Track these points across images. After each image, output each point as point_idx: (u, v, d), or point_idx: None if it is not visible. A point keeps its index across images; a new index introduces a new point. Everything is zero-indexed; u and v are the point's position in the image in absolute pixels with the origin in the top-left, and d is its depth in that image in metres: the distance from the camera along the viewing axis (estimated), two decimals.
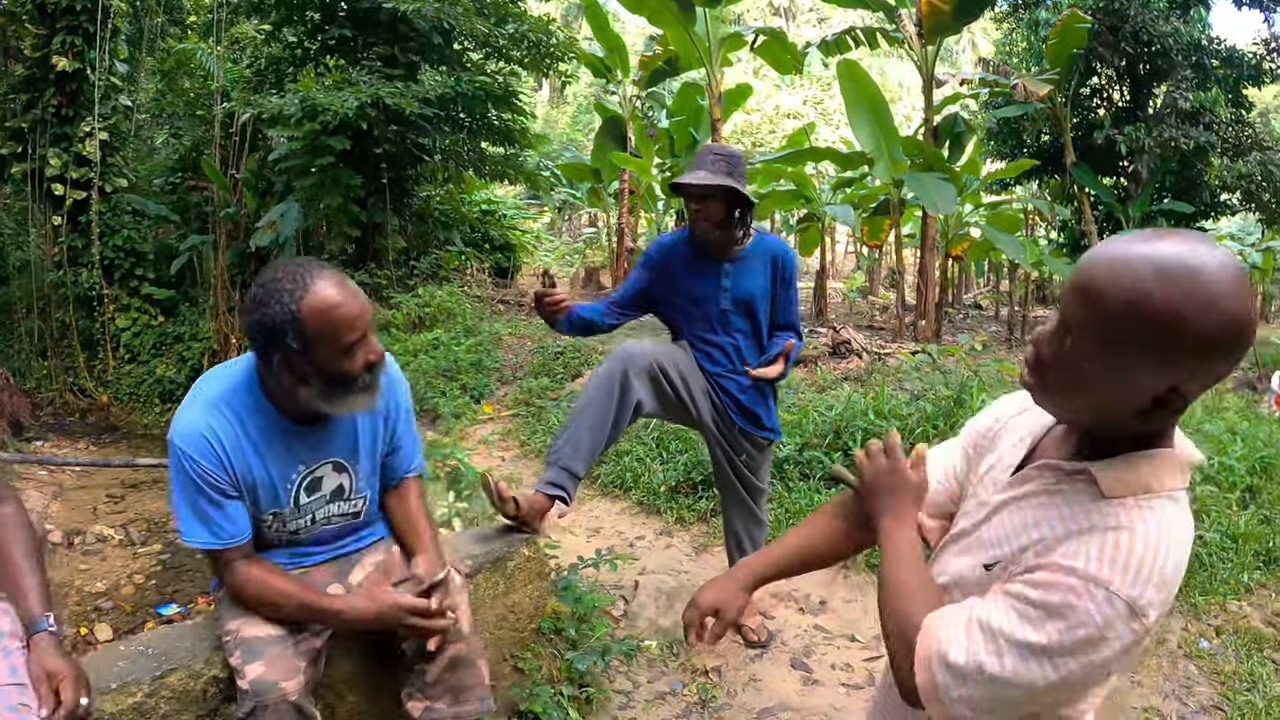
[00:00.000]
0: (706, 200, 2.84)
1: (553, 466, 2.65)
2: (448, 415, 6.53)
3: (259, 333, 1.68)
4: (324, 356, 1.67)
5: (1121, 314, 0.95)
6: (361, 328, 1.70)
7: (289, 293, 1.64)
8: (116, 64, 10.60)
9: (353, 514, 2.01)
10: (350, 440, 1.93)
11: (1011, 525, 1.15)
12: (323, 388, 1.71)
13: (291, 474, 1.87)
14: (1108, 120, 13.84)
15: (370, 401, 1.79)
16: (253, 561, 1.85)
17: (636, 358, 2.77)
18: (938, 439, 4.53)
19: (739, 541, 3.21)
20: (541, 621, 2.56)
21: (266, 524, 1.90)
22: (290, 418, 1.84)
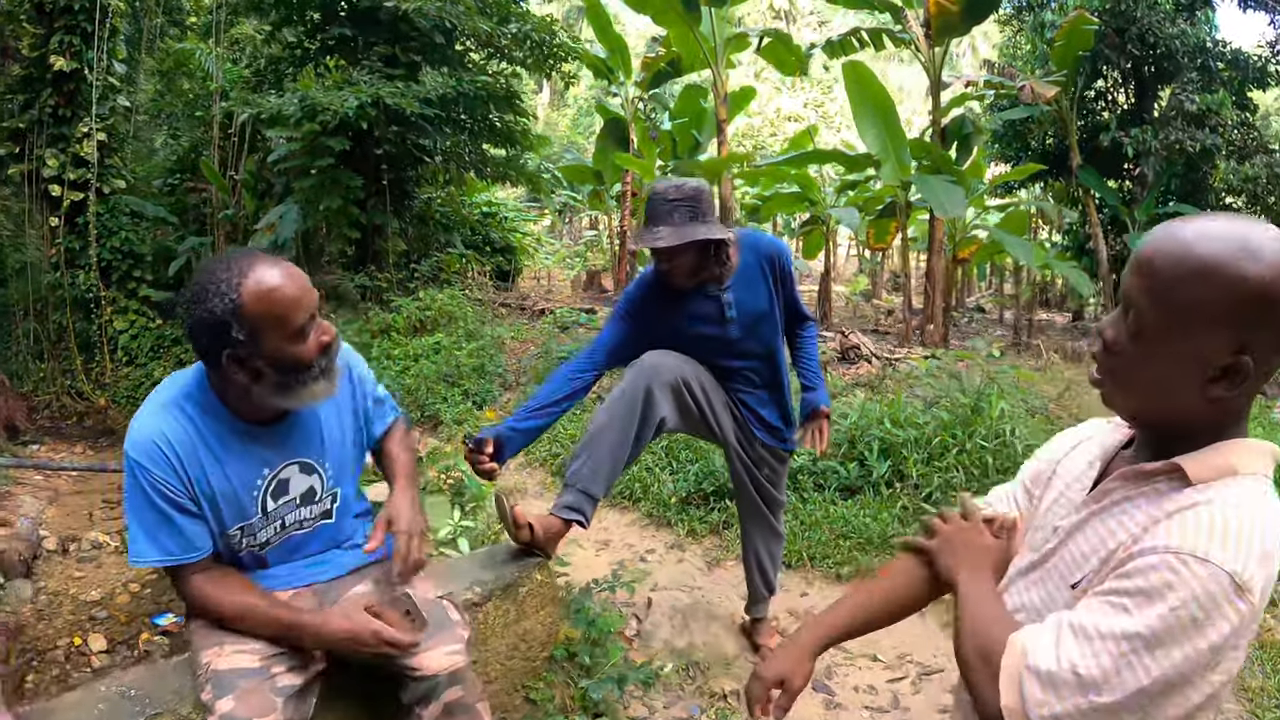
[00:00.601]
0: (672, 256, 2.57)
1: (570, 489, 2.49)
2: (450, 422, 6.40)
3: (201, 332, 1.57)
4: (274, 344, 1.58)
5: (1173, 273, 0.96)
6: (309, 308, 1.61)
7: (226, 282, 1.54)
8: (115, 64, 10.49)
9: (323, 514, 1.87)
10: (315, 437, 1.81)
11: (1095, 538, 1.08)
12: (278, 379, 1.61)
13: (255, 479, 1.74)
14: (1114, 123, 13.75)
15: (330, 387, 1.69)
16: (214, 576, 1.71)
17: (662, 371, 2.59)
18: (956, 449, 4.41)
19: (757, 556, 3.09)
20: (554, 649, 2.43)
21: (234, 540, 1.76)
22: (247, 420, 1.72)
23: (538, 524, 2.38)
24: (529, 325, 9.05)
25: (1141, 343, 1.01)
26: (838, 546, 3.96)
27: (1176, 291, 0.97)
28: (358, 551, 1.93)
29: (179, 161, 12.12)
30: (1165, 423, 1.05)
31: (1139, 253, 1.03)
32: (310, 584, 1.88)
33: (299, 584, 1.86)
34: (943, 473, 4.31)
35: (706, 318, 2.70)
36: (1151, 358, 1.01)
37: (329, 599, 1.84)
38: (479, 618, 2.15)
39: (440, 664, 1.72)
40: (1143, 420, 1.09)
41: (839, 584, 3.77)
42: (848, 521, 4.10)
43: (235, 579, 1.74)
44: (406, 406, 6.73)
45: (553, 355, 7.47)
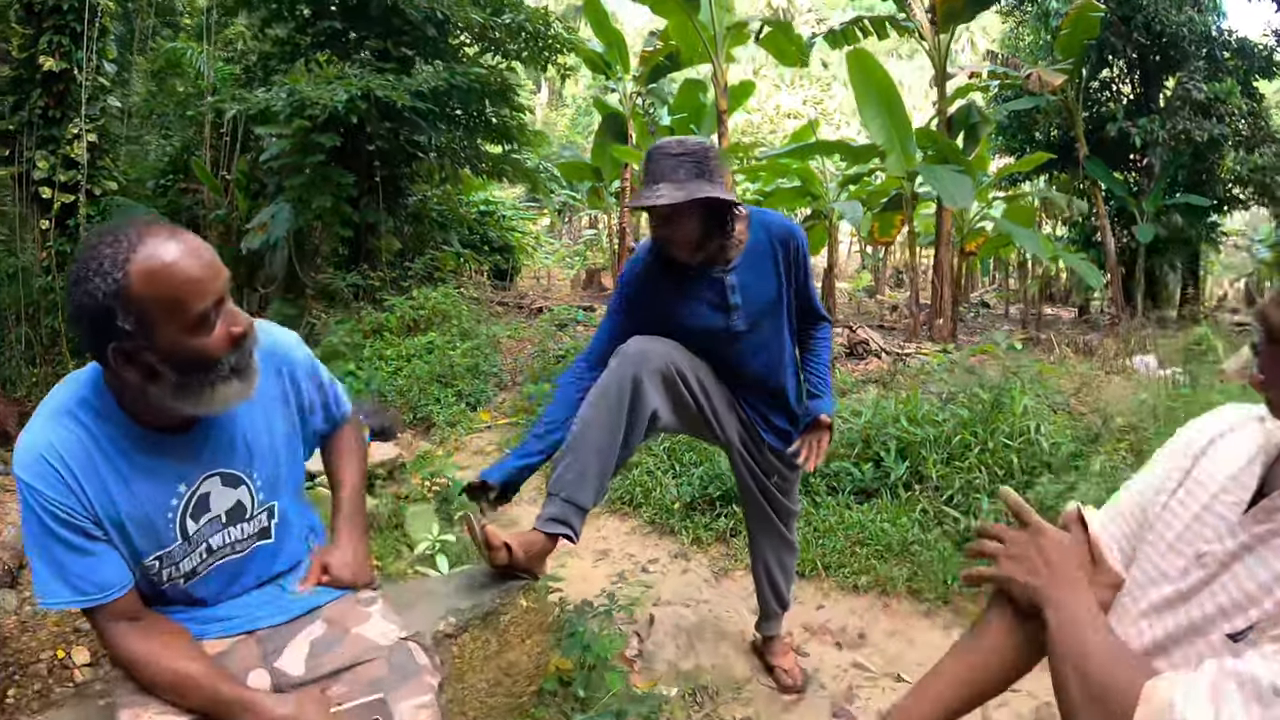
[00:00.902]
0: (674, 221, 2.20)
1: (554, 499, 2.15)
2: (442, 424, 6.15)
3: (83, 320, 1.26)
4: (169, 336, 1.26)
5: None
6: (215, 291, 1.29)
7: (110, 259, 1.23)
8: (105, 64, 10.33)
9: (259, 533, 1.57)
10: (239, 442, 1.50)
11: (1265, 574, 0.83)
12: (177, 379, 1.29)
13: (170, 499, 1.43)
14: (1120, 113, 13.53)
15: (245, 389, 1.37)
16: (143, 625, 1.41)
17: (650, 358, 2.21)
18: (978, 447, 4.14)
19: (768, 569, 2.79)
20: (544, 682, 2.15)
21: (153, 572, 1.45)
22: (153, 427, 1.40)
23: (517, 543, 2.05)
24: (526, 324, 8.79)
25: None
26: (854, 554, 3.69)
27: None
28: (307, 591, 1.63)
29: (171, 162, 11.96)
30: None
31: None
32: (253, 630, 1.56)
33: (238, 630, 1.55)
34: (964, 473, 4.03)
35: (708, 304, 2.35)
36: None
37: (273, 648, 1.53)
38: (454, 651, 1.87)
39: (406, 718, 1.43)
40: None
41: (856, 595, 3.50)
42: (864, 527, 3.82)
43: (169, 635, 1.43)
44: (399, 408, 6.49)
45: (550, 354, 7.21)
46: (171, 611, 1.51)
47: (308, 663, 1.50)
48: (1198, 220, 14.22)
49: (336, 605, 1.61)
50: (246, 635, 1.55)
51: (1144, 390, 5.57)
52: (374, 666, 1.48)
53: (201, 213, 11.36)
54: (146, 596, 1.47)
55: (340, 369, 7.29)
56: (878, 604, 3.42)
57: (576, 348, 7.21)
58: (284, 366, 1.59)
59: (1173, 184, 13.92)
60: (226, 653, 1.50)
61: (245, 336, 1.35)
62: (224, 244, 11.15)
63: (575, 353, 7.04)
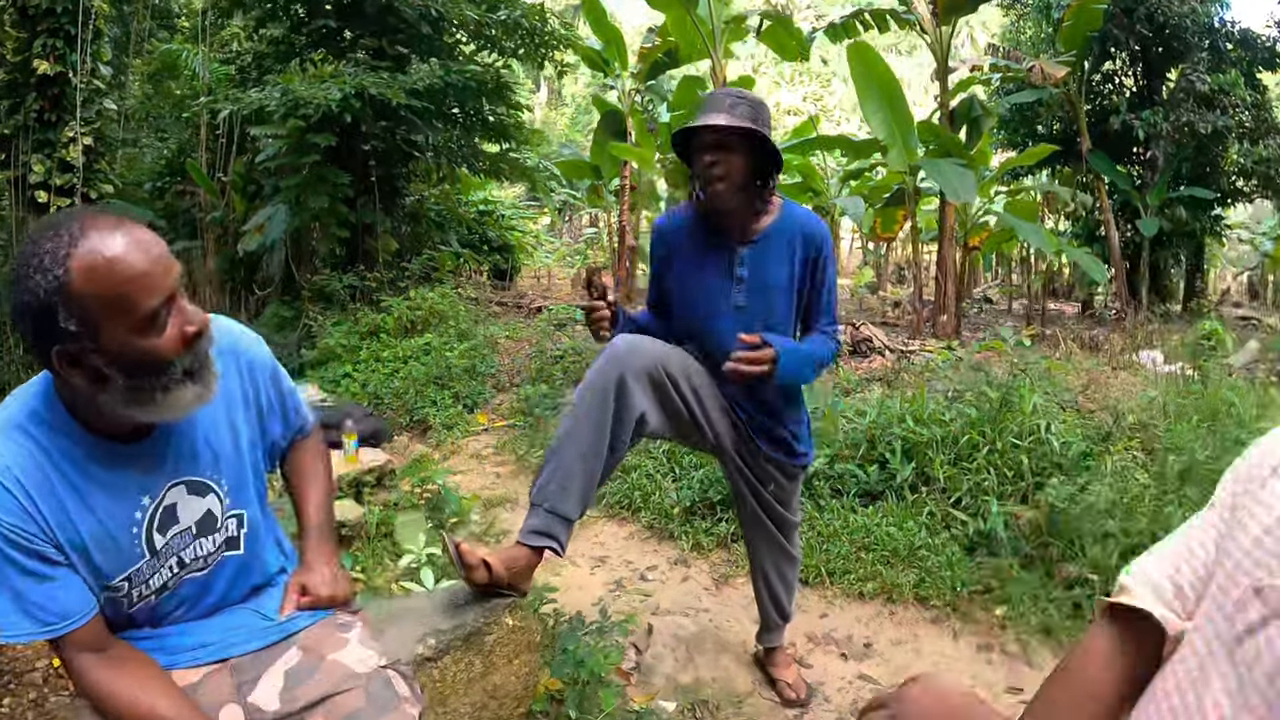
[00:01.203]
0: (725, 151, 2.17)
1: (537, 510, 2.03)
2: (439, 427, 6.04)
3: (24, 319, 1.16)
4: (116, 337, 1.16)
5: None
6: (165, 288, 1.19)
7: (50, 254, 1.13)
8: (100, 67, 10.26)
9: (228, 543, 1.46)
10: (204, 447, 1.40)
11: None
12: (128, 384, 1.19)
13: (134, 512, 1.32)
14: (1123, 105, 13.42)
15: (202, 392, 1.27)
16: (110, 657, 1.31)
17: (636, 357, 2.11)
18: (986, 448, 4.03)
19: (767, 581, 2.67)
20: (533, 703, 2.04)
21: (121, 594, 1.35)
22: (110, 437, 1.30)
23: (498, 560, 1.93)
24: (524, 324, 8.68)
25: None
26: (860, 560, 3.57)
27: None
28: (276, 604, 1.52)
29: (168, 164, 11.94)
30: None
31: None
32: (226, 658, 1.45)
33: (211, 659, 1.45)
34: (973, 475, 3.92)
35: (717, 271, 2.33)
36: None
37: (247, 679, 1.43)
38: (435, 675, 1.76)
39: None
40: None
41: (862, 602, 3.39)
42: (869, 531, 3.70)
43: (138, 667, 1.33)
44: (395, 410, 6.39)
45: (547, 354, 7.10)
46: (140, 637, 1.41)
47: (282, 696, 1.40)
48: (1202, 213, 14.10)
49: (313, 631, 1.50)
50: (219, 664, 1.45)
51: (1153, 387, 5.47)
52: (351, 697, 1.38)
53: (199, 215, 11.32)
54: (113, 624, 1.37)
55: (337, 371, 7.20)
56: (884, 611, 3.31)
57: (575, 348, 7.10)
58: (244, 365, 1.49)
59: (1176, 177, 13.78)
60: (198, 684, 1.40)
61: (200, 336, 1.25)
62: (221, 246, 11.09)
63: (573, 353, 6.95)
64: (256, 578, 1.55)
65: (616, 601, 3.39)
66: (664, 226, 2.48)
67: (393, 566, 3.17)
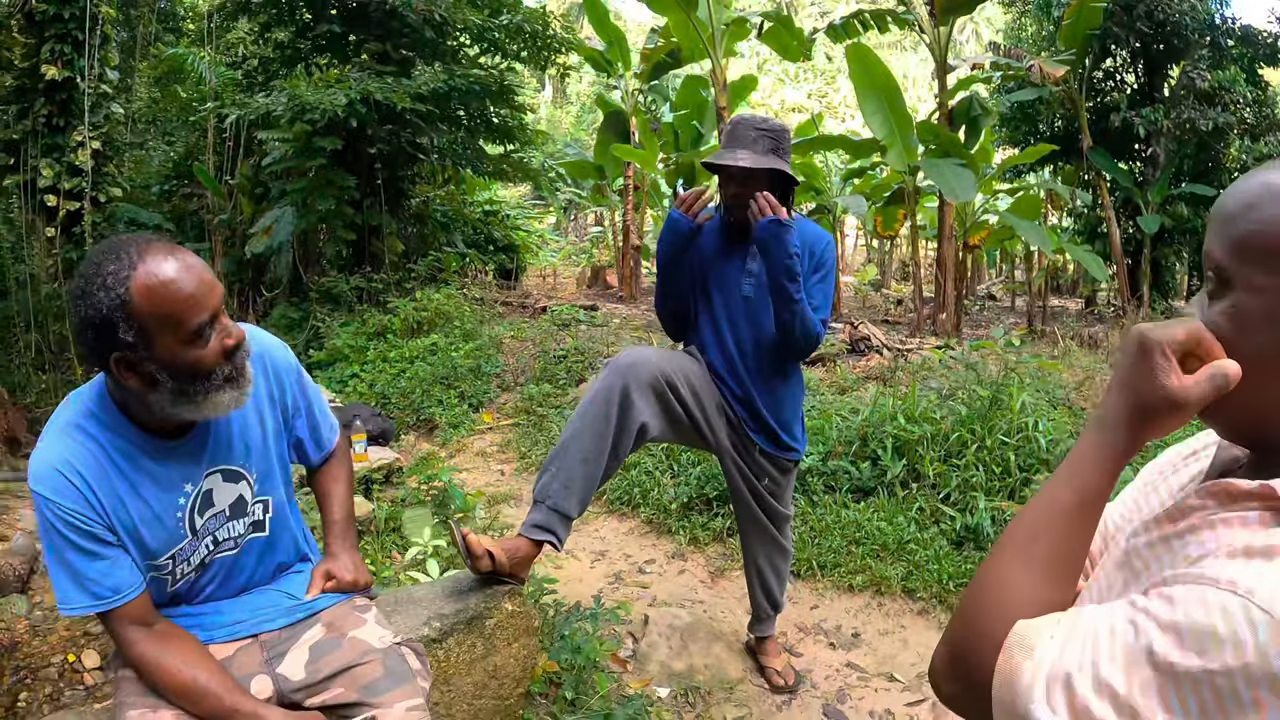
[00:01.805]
0: (748, 185, 2.44)
1: (540, 506, 2.20)
2: (445, 426, 6.17)
3: (88, 331, 1.36)
4: (168, 348, 1.37)
5: (1248, 200, 0.75)
6: (210, 307, 1.39)
7: (113, 275, 1.33)
8: (108, 72, 10.39)
9: (254, 526, 1.66)
10: (238, 440, 1.60)
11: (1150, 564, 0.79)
12: (175, 387, 1.40)
13: (178, 498, 1.52)
14: (1124, 103, 13.45)
15: (239, 395, 1.47)
16: (157, 632, 1.49)
17: (639, 369, 2.29)
18: (975, 445, 4.14)
19: (760, 573, 2.81)
20: (531, 685, 2.17)
21: (166, 571, 1.54)
22: (156, 433, 1.50)
23: (499, 550, 2.08)
24: (529, 324, 8.80)
25: (1226, 296, 0.77)
26: (850, 554, 3.69)
27: (1259, 211, 0.74)
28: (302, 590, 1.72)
29: (175, 168, 12.04)
30: (1267, 417, 0.77)
31: (1220, 209, 0.78)
32: (256, 634, 1.64)
33: (244, 634, 1.63)
34: (961, 471, 4.03)
35: (729, 263, 2.57)
36: (1239, 314, 0.76)
37: (275, 653, 1.61)
38: (439, 655, 1.90)
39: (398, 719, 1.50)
40: (1245, 424, 0.79)
41: (851, 594, 3.51)
42: (860, 526, 3.83)
43: (181, 641, 1.51)
44: (402, 410, 6.52)
45: (550, 354, 7.22)
46: (180, 614, 1.60)
47: (307, 667, 1.58)
48: (1203, 210, 14.08)
49: (335, 610, 1.69)
50: (250, 639, 1.63)
51: None
52: (369, 668, 1.56)
53: (206, 217, 11.42)
54: (158, 603, 1.55)
55: (344, 371, 7.33)
56: (872, 603, 3.44)
57: (578, 348, 7.22)
58: (271, 367, 1.68)
59: (1178, 174, 13.80)
60: (232, 657, 1.59)
61: (238, 348, 1.45)
62: (229, 249, 11.22)
63: (576, 353, 7.06)
64: (281, 558, 1.73)
65: (615, 593, 3.52)
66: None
67: (400, 558, 3.31)
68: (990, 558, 0.82)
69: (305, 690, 1.56)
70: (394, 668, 1.56)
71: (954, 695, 0.80)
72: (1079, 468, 0.81)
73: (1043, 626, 0.73)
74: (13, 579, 3.72)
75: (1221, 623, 0.62)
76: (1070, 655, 0.69)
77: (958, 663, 0.78)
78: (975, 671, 0.75)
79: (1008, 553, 0.80)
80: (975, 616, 0.78)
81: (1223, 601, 0.63)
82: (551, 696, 2.32)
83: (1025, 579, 0.78)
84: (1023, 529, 0.81)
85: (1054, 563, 0.79)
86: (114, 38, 10.83)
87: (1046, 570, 0.78)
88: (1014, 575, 0.79)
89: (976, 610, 0.79)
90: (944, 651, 0.81)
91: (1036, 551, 0.79)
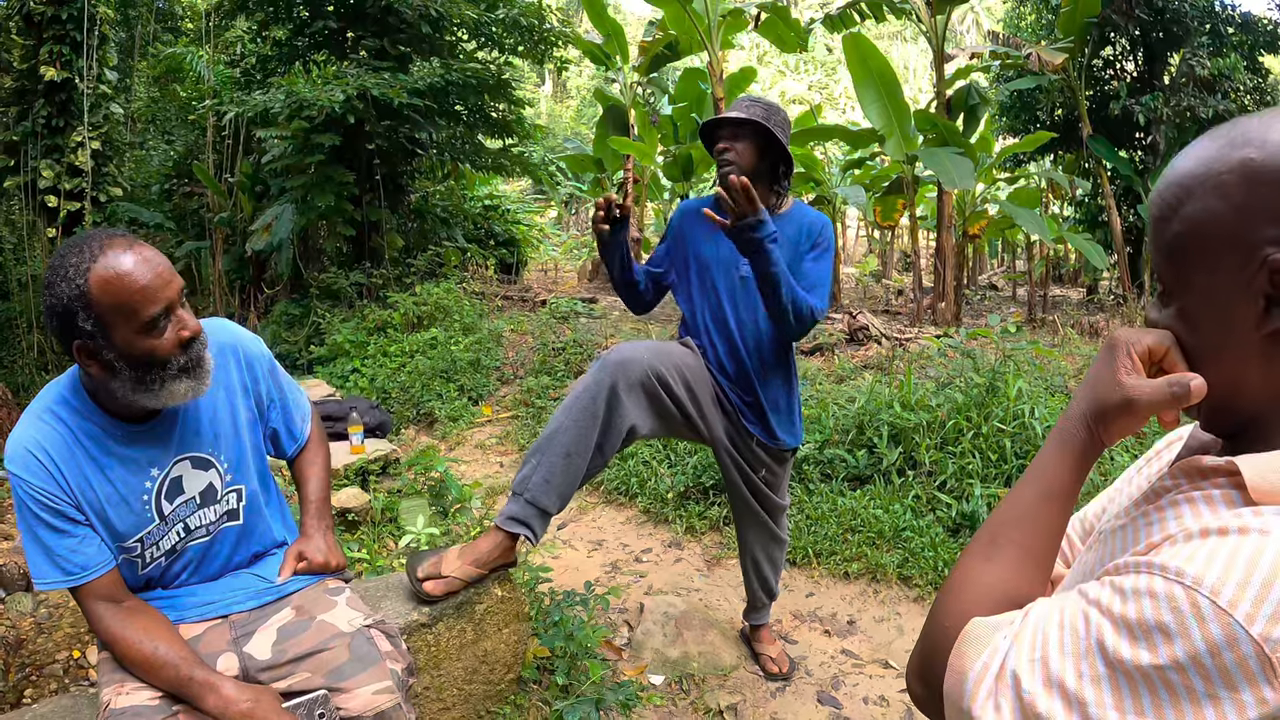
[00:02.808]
0: (734, 140, 2.45)
1: (517, 498, 2.16)
2: (444, 419, 6.19)
3: (53, 319, 1.43)
4: (124, 337, 1.43)
5: (1168, 199, 0.76)
6: (165, 299, 1.45)
7: (74, 267, 1.41)
8: (106, 72, 10.41)
9: (228, 514, 1.71)
10: (207, 428, 1.66)
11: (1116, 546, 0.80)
12: (133, 375, 1.46)
13: (144, 481, 1.58)
14: (1124, 90, 13.42)
15: (196, 385, 1.53)
16: (125, 608, 1.55)
17: (630, 366, 2.24)
18: (971, 432, 4.15)
19: (756, 563, 2.80)
20: (523, 670, 2.18)
21: (135, 554, 1.60)
22: (123, 418, 1.56)
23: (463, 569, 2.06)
24: (529, 317, 8.81)
25: (1172, 302, 0.78)
26: (846, 541, 3.70)
27: (1180, 213, 0.75)
28: (275, 570, 1.77)
29: (175, 167, 12.06)
30: (1236, 407, 0.77)
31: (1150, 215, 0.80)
32: (227, 614, 1.69)
33: (214, 614, 1.69)
34: (958, 458, 4.04)
35: (724, 243, 2.51)
36: (1186, 315, 0.76)
37: (243, 633, 1.66)
38: (429, 640, 1.91)
39: (364, 704, 1.54)
40: (1212, 413, 0.80)
41: (847, 582, 3.52)
42: (856, 514, 3.83)
43: (147, 617, 1.56)
44: (402, 404, 6.54)
45: (549, 346, 7.23)
46: (155, 597, 1.65)
47: (274, 648, 1.62)
48: None
49: (306, 592, 1.73)
50: (220, 619, 1.68)
51: None
52: (335, 654, 1.59)
53: (207, 215, 11.44)
54: (132, 586, 1.61)
55: (345, 366, 7.34)
56: (868, 591, 3.44)
57: (577, 340, 7.23)
58: (245, 359, 1.74)
59: None
60: (200, 635, 1.64)
61: (194, 340, 1.50)
62: (229, 246, 11.23)
63: (575, 345, 7.08)
64: (256, 546, 1.78)
65: (611, 582, 3.54)
66: (689, 204, 2.72)
67: (395, 548, 3.33)
68: (959, 558, 0.83)
69: (271, 671, 1.60)
70: (360, 651, 1.59)
71: (919, 696, 0.80)
72: (1041, 464, 0.83)
73: (998, 623, 0.74)
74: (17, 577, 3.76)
75: (1170, 616, 0.61)
76: (1021, 651, 0.69)
77: (924, 662, 0.79)
78: (936, 667, 0.76)
79: (973, 550, 0.82)
80: (939, 613, 0.80)
81: (1170, 592, 0.62)
82: (544, 683, 2.33)
83: (988, 574, 0.80)
84: (988, 528, 0.83)
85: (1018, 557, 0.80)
86: (112, 38, 10.86)
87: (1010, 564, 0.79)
88: (976, 572, 0.80)
89: (941, 608, 0.80)
90: (915, 652, 0.82)
91: (1000, 547, 0.80)
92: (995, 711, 0.67)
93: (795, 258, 2.50)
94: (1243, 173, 0.69)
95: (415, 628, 1.88)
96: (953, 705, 0.72)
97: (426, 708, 1.93)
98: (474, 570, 2.07)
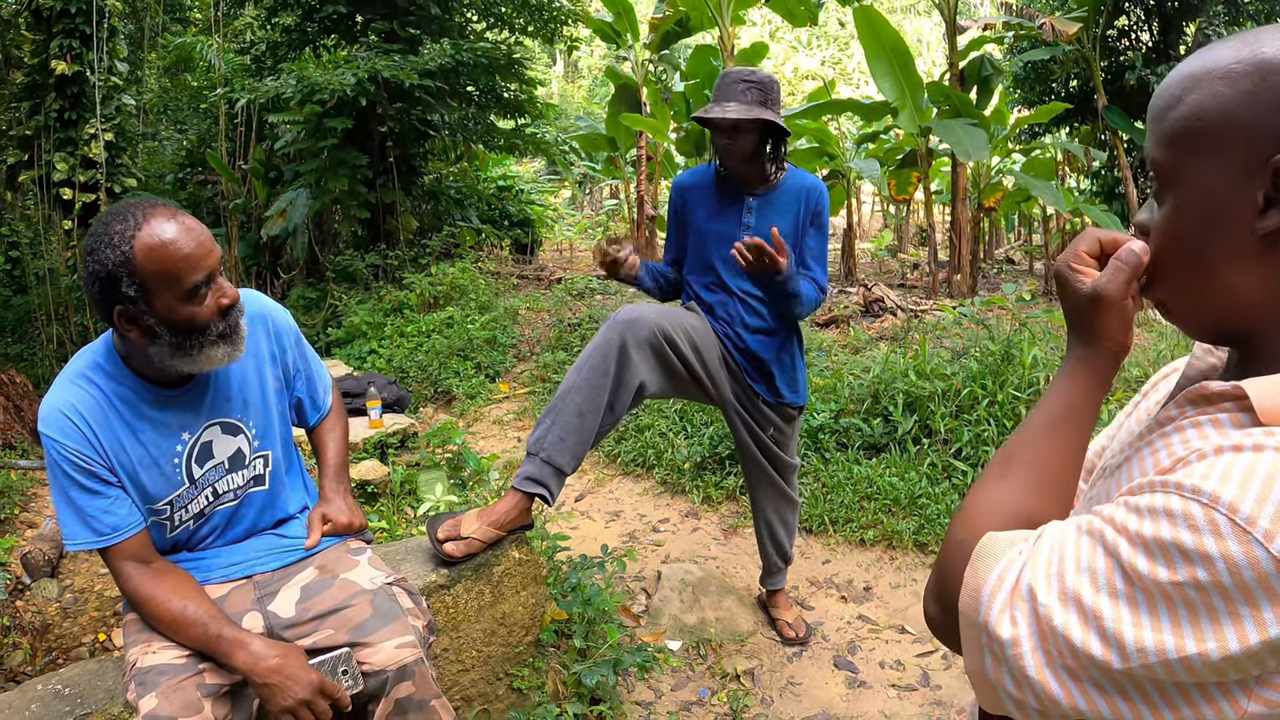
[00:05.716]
0: (737, 134, 2.49)
1: (533, 459, 2.19)
2: (462, 396, 6.23)
3: (94, 285, 1.47)
4: (167, 303, 1.47)
5: (1172, 93, 0.76)
6: (207, 267, 1.50)
7: (119, 234, 1.44)
8: (117, 64, 10.46)
9: (254, 479, 1.75)
10: (237, 394, 1.70)
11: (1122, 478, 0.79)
12: (173, 340, 1.50)
13: (175, 445, 1.62)
14: (1139, 61, 13.24)
15: (232, 351, 1.58)
16: (153, 569, 1.59)
17: (637, 325, 2.30)
18: (986, 400, 4.14)
19: (769, 525, 2.84)
20: (541, 633, 2.22)
21: (165, 516, 1.64)
22: (156, 383, 1.60)
23: (484, 529, 2.09)
24: (544, 295, 8.83)
25: (1165, 199, 0.76)
26: (862, 509, 3.72)
27: (1185, 100, 0.73)
28: (299, 534, 1.81)
29: (188, 156, 12.11)
30: (1233, 316, 0.75)
31: (1152, 109, 0.79)
32: (251, 575, 1.74)
33: (239, 575, 1.73)
34: (973, 426, 4.04)
35: (725, 216, 2.62)
36: (1179, 213, 0.75)
37: (267, 592, 1.71)
38: (448, 601, 1.95)
39: (388, 658, 1.57)
40: (1208, 322, 0.78)
41: (863, 549, 3.54)
42: (872, 482, 3.85)
43: (175, 578, 1.60)
44: (420, 383, 6.59)
45: (565, 323, 7.26)
46: (180, 558, 1.70)
47: (297, 606, 1.66)
48: None
49: (328, 553, 1.78)
50: (245, 580, 1.72)
51: (1164, 341, 5.53)
52: (357, 610, 1.63)
53: (221, 203, 11.49)
54: (160, 549, 1.65)
55: (362, 348, 7.40)
56: (884, 557, 3.46)
57: (592, 316, 7.25)
58: (273, 329, 1.79)
59: None
60: (225, 595, 1.69)
61: (232, 307, 1.55)
62: (244, 233, 11.30)
63: (590, 321, 7.10)
64: (280, 512, 1.82)
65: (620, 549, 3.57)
66: (683, 180, 2.77)
67: (414, 517, 3.38)
68: (973, 484, 0.84)
69: (295, 628, 1.64)
70: (383, 607, 1.63)
71: (935, 618, 0.80)
72: (1049, 391, 0.84)
73: (1012, 538, 0.73)
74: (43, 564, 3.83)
75: (1188, 534, 0.61)
76: (1036, 566, 0.68)
77: (939, 581, 0.79)
78: (951, 585, 0.75)
79: (988, 473, 0.83)
80: (953, 533, 0.80)
81: (1187, 509, 0.61)
82: (562, 646, 2.37)
83: (1001, 491, 0.80)
84: (1002, 451, 0.84)
85: (1032, 476, 0.80)
86: (121, 30, 10.91)
87: (1024, 483, 0.80)
88: (990, 489, 0.81)
89: (956, 527, 0.80)
90: (931, 575, 0.82)
91: (1013, 466, 0.81)
92: (1011, 624, 0.67)
93: (795, 229, 2.58)
94: (1254, 63, 0.69)
95: (434, 589, 1.92)
96: (968, 621, 0.72)
97: (446, 669, 1.96)
98: (493, 531, 2.11)
